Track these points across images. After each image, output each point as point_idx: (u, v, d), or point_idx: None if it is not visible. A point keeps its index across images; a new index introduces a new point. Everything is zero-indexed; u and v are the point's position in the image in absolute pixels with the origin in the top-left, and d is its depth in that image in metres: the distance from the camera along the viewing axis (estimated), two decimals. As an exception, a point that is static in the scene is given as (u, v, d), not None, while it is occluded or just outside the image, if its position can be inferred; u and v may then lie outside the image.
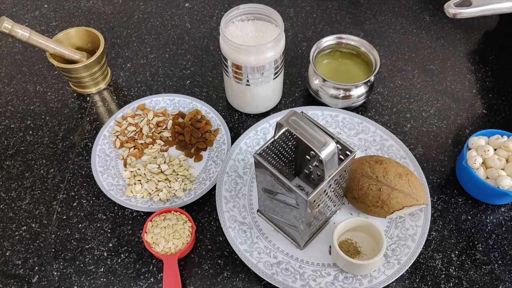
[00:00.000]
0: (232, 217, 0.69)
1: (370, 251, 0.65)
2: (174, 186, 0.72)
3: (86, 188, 0.75)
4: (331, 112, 0.78)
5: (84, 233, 0.70)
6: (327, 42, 0.82)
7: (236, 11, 0.73)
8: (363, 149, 0.76)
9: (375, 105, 0.83)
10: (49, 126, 0.82)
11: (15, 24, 0.74)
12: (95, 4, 1.01)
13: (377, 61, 0.78)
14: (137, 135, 0.79)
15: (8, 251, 0.69)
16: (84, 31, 0.85)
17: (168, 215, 0.68)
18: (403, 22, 0.96)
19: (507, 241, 0.68)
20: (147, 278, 0.66)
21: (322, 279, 0.64)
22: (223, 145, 0.77)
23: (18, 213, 0.72)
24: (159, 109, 0.82)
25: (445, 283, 0.65)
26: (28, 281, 0.66)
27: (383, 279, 0.63)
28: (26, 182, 0.76)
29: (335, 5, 0.99)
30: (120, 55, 0.92)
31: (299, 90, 0.86)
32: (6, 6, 1.01)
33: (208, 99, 0.85)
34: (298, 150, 0.67)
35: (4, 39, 0.95)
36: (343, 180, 0.62)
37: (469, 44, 0.92)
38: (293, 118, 0.54)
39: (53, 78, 0.89)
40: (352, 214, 0.70)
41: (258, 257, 0.65)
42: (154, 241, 0.66)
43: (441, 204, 0.72)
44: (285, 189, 0.57)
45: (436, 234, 0.69)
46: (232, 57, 0.71)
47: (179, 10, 0.99)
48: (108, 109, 0.85)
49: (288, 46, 0.92)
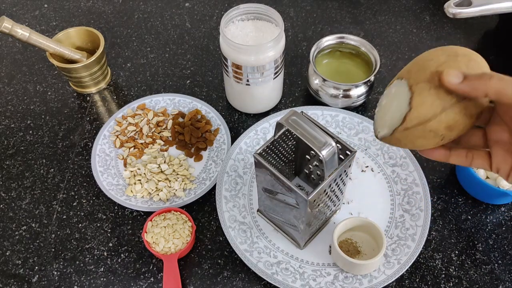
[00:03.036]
0: (232, 217, 0.69)
1: (370, 251, 0.65)
2: (174, 186, 0.72)
3: (86, 188, 0.75)
4: (331, 112, 0.78)
5: (84, 232, 0.70)
6: (327, 42, 0.82)
7: (236, 10, 0.73)
8: (363, 149, 0.76)
9: (375, 105, 0.83)
10: (49, 126, 0.82)
11: (15, 24, 0.74)
12: (95, 4, 1.01)
13: (377, 61, 0.78)
14: (137, 135, 0.79)
15: (8, 250, 0.69)
16: (84, 31, 0.85)
17: (168, 214, 0.68)
18: (403, 22, 0.96)
19: (507, 241, 0.68)
20: (147, 278, 0.66)
21: (322, 278, 0.64)
22: (223, 145, 0.77)
23: (18, 212, 0.72)
24: (159, 109, 0.82)
25: (445, 283, 0.65)
26: (28, 280, 0.66)
27: (383, 279, 0.63)
28: (26, 181, 0.76)
29: (335, 5, 0.99)
30: (120, 55, 0.92)
31: (299, 90, 0.86)
32: (6, 6, 1.01)
33: (208, 99, 0.85)
34: (298, 150, 0.67)
35: (4, 39, 0.95)
36: (343, 180, 0.62)
37: (469, 44, 0.92)
38: (293, 118, 0.54)
39: (53, 78, 0.89)
40: (352, 214, 0.70)
41: (258, 257, 0.65)
42: (154, 241, 0.66)
43: (441, 204, 0.72)
44: (285, 188, 0.57)
45: (436, 234, 0.69)
46: (232, 56, 0.71)
47: (179, 10, 0.99)
48: (108, 109, 0.85)
49: (288, 46, 0.92)
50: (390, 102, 0.45)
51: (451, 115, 0.40)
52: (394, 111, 0.43)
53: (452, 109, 0.40)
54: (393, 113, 0.43)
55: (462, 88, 0.39)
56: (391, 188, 0.72)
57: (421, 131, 0.41)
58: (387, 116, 0.45)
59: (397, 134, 0.43)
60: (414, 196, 0.70)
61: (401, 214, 0.69)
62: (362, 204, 0.71)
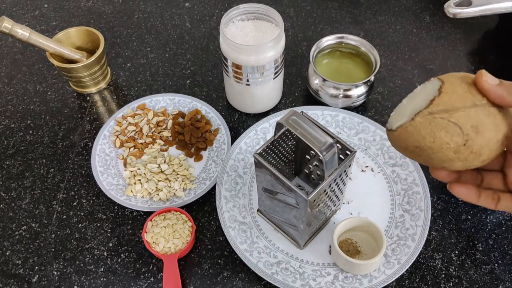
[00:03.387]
0: (232, 217, 0.69)
1: (370, 250, 0.65)
2: (174, 186, 0.72)
3: (86, 188, 0.75)
4: (331, 112, 0.78)
5: (84, 232, 0.70)
6: (327, 42, 0.82)
7: (236, 10, 0.73)
8: (363, 149, 0.76)
9: (375, 105, 0.83)
10: (49, 126, 0.82)
11: (15, 24, 0.74)
12: (95, 3, 1.01)
13: (377, 60, 0.78)
14: (137, 134, 0.79)
15: (8, 250, 0.69)
16: (84, 31, 0.85)
17: (168, 214, 0.68)
18: (403, 22, 0.96)
19: (507, 241, 0.68)
20: (147, 277, 0.66)
21: (322, 278, 0.64)
22: (223, 144, 0.77)
23: (18, 212, 0.72)
24: (159, 108, 0.82)
25: (445, 282, 0.65)
26: (28, 280, 0.66)
27: (383, 278, 0.63)
28: (26, 181, 0.76)
29: (335, 4, 0.99)
30: (120, 55, 0.92)
31: (299, 90, 0.86)
32: (6, 6, 1.01)
33: (208, 98, 0.85)
34: (298, 150, 0.67)
35: (4, 38, 0.95)
36: (343, 180, 0.62)
37: (469, 44, 0.92)
38: (293, 118, 0.54)
39: (53, 77, 0.89)
40: (352, 214, 0.70)
41: (258, 256, 0.65)
42: (154, 241, 0.66)
43: (441, 204, 0.72)
44: (285, 188, 0.57)
45: (436, 234, 0.69)
46: (232, 56, 0.71)
47: (179, 9, 0.99)
48: (108, 108, 0.85)
49: (288, 46, 0.92)
50: (416, 96, 0.41)
51: (481, 115, 0.37)
52: (421, 100, 0.39)
53: (482, 109, 0.37)
54: (419, 102, 0.39)
55: (497, 91, 0.37)
56: (391, 188, 0.72)
57: (446, 121, 0.37)
58: (409, 106, 0.40)
59: (418, 118, 0.38)
60: (414, 196, 0.70)
61: (401, 214, 0.69)
62: (362, 204, 0.71)
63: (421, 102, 0.39)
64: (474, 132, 0.37)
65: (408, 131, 0.39)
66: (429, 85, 0.40)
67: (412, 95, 0.42)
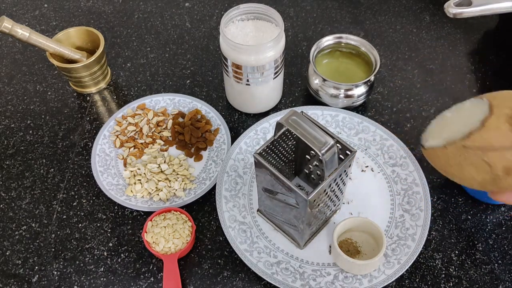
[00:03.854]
0: (232, 217, 0.69)
1: (370, 250, 0.65)
2: (174, 186, 0.72)
3: (86, 188, 0.75)
4: (331, 112, 0.78)
5: (84, 232, 0.70)
6: (327, 42, 0.82)
7: (236, 10, 0.73)
8: (363, 149, 0.76)
9: (375, 105, 0.83)
10: (49, 126, 0.82)
11: (15, 24, 0.74)
12: (95, 3, 1.01)
13: (377, 60, 0.78)
14: (137, 134, 0.79)
15: (8, 250, 0.69)
16: (84, 31, 0.85)
17: (168, 214, 0.68)
18: (403, 22, 0.96)
19: (507, 241, 0.68)
20: (147, 277, 0.66)
21: (322, 278, 0.64)
22: (223, 144, 0.77)
23: (18, 212, 0.72)
24: (159, 108, 0.82)
25: (445, 282, 0.65)
26: (28, 280, 0.66)
27: (383, 278, 0.63)
28: (26, 181, 0.76)
29: (335, 4, 0.99)
30: (120, 55, 0.92)
31: (299, 89, 0.86)
32: (6, 6, 1.01)
33: (208, 98, 0.85)
34: (298, 150, 0.67)
35: (4, 38, 0.95)
36: (343, 179, 0.62)
37: (469, 44, 0.92)
38: (293, 118, 0.54)
39: (53, 77, 0.89)
40: (352, 214, 0.70)
41: (258, 256, 0.65)
42: (154, 241, 0.66)
43: (441, 204, 0.72)
44: (285, 188, 0.57)
45: (436, 234, 0.69)
46: (232, 56, 0.71)
47: (179, 9, 0.99)
48: (108, 108, 0.85)
49: (288, 46, 0.92)
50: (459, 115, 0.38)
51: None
52: (460, 125, 0.37)
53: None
54: (458, 126, 0.37)
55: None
56: (391, 188, 0.72)
57: (479, 157, 0.35)
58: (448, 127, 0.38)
59: (451, 148, 0.37)
60: (414, 196, 0.70)
61: (401, 214, 0.69)
62: (362, 204, 0.71)
63: (461, 127, 0.37)
64: (505, 173, 0.36)
65: (438, 155, 0.39)
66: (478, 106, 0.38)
67: (457, 108, 0.40)
